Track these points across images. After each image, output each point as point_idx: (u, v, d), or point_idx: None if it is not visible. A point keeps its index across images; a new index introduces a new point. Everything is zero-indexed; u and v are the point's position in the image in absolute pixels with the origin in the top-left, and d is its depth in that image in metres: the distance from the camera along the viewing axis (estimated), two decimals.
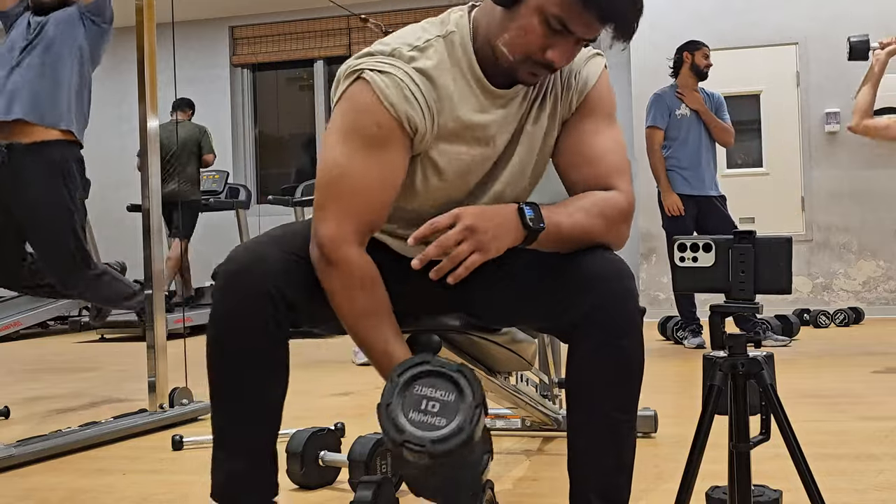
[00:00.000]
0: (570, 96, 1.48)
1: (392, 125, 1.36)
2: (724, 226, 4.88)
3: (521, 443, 2.67)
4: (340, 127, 1.38)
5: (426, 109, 1.38)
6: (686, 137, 5.02)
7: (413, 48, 1.39)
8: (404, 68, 1.37)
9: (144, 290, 3.29)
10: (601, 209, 1.41)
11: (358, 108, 1.37)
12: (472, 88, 1.42)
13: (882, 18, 6.60)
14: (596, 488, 1.38)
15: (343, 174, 1.37)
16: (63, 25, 3.20)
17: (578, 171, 1.48)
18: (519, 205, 1.36)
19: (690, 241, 1.42)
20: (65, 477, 2.44)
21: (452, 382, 1.18)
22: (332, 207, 1.37)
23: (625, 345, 1.36)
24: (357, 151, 1.36)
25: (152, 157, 3.24)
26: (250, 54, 8.82)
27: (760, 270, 1.37)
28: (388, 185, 1.39)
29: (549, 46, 1.33)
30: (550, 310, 1.40)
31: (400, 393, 1.18)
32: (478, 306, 1.55)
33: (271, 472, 1.44)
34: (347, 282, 1.37)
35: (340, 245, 1.36)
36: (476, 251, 1.31)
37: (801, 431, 1.50)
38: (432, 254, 1.30)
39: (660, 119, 5.05)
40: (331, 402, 3.46)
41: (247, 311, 1.35)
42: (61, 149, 3.16)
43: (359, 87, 1.37)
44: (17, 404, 3.71)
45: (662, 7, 6.98)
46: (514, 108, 1.46)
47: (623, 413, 1.38)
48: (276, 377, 1.42)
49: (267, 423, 1.43)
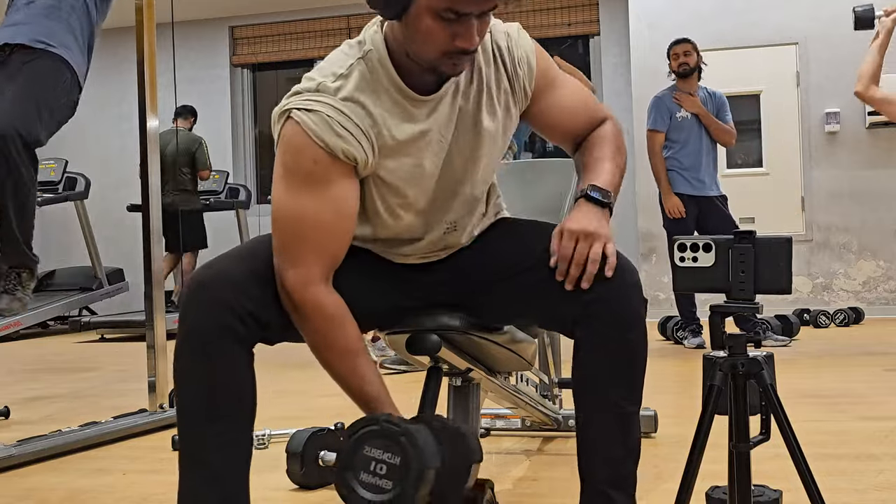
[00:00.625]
0: (523, 85, 1.50)
1: (328, 160, 1.36)
2: (725, 226, 4.88)
3: (521, 443, 2.67)
4: (282, 170, 1.39)
5: (362, 138, 1.38)
6: (687, 139, 5.03)
7: (337, 77, 1.39)
8: (331, 102, 1.36)
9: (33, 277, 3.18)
10: (615, 147, 1.56)
11: (293, 149, 1.37)
12: (399, 102, 1.41)
13: None
14: (607, 478, 1.41)
15: (295, 217, 1.37)
16: None
17: (565, 128, 1.59)
18: (585, 193, 1.46)
19: (690, 241, 1.43)
20: (65, 477, 2.44)
21: (399, 444, 1.19)
22: (291, 251, 1.37)
23: (631, 337, 1.41)
24: (302, 191, 1.37)
25: (152, 157, 3.24)
26: (250, 54, 8.82)
27: (760, 270, 1.37)
28: (343, 217, 1.40)
29: (454, 36, 1.31)
30: (556, 305, 1.43)
31: (352, 453, 1.21)
32: (479, 305, 1.56)
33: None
34: (320, 323, 1.38)
35: (307, 287, 1.36)
36: (593, 243, 1.39)
37: (801, 431, 1.50)
38: (571, 272, 1.39)
39: (660, 122, 5.06)
40: (331, 402, 3.46)
41: (211, 328, 1.33)
42: (59, 60, 3.12)
43: (290, 127, 1.37)
44: (17, 404, 3.71)
45: (662, 7, 6.98)
46: (445, 107, 1.44)
47: (631, 404, 1.43)
48: (240, 398, 1.38)
49: (238, 455, 1.38)
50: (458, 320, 1.57)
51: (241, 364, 1.36)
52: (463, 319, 1.57)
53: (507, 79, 1.48)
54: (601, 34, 7.87)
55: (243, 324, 1.34)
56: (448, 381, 1.76)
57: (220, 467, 1.35)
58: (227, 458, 1.36)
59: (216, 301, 1.33)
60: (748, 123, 6.82)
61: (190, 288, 1.36)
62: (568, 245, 1.40)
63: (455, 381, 1.77)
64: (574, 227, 1.41)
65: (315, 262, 1.37)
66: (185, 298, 1.36)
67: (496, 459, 2.46)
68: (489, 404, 2.72)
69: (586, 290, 1.39)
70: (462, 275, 1.56)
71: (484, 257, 1.56)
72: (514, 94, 1.50)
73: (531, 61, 1.50)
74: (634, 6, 7.07)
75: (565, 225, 1.43)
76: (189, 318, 1.34)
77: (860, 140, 6.68)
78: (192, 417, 1.36)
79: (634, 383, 1.43)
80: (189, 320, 1.34)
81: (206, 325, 1.33)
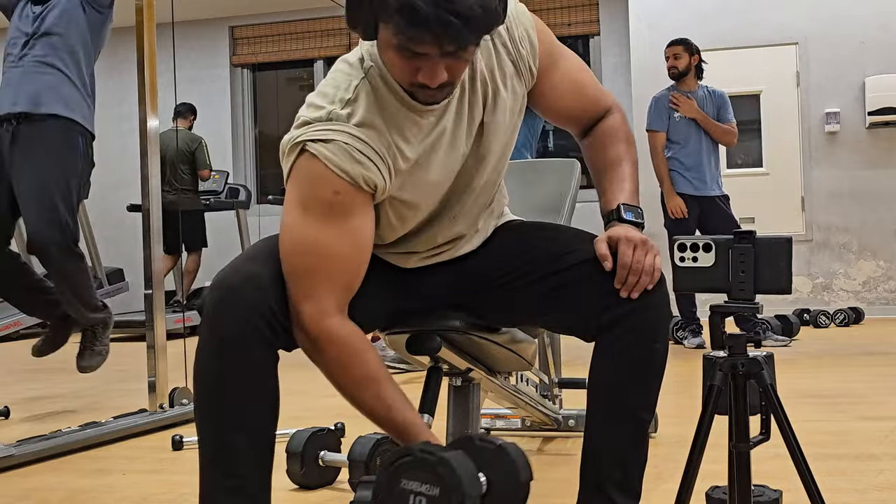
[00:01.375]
0: (528, 64, 1.46)
1: (350, 189, 1.33)
2: (727, 225, 4.88)
3: (521, 443, 2.67)
4: (299, 200, 1.34)
5: (380, 163, 1.35)
6: (687, 139, 5.03)
7: (346, 103, 1.35)
8: (347, 130, 1.33)
9: (106, 310, 3.34)
10: (627, 142, 1.56)
11: (312, 180, 1.32)
12: (408, 116, 1.37)
13: (882, 18, 6.60)
14: (618, 483, 1.42)
15: (311, 248, 1.33)
16: (63, 14, 3.17)
17: (571, 111, 1.57)
18: (619, 216, 1.46)
19: (690, 241, 1.43)
20: (65, 477, 2.44)
21: (436, 475, 1.14)
22: (306, 283, 1.32)
23: (658, 347, 1.42)
24: (321, 222, 1.33)
25: (152, 157, 3.24)
26: (250, 54, 8.81)
27: (760, 270, 1.37)
28: (361, 249, 1.37)
29: (417, 70, 1.26)
30: (583, 311, 1.43)
31: (389, 488, 1.16)
32: (486, 307, 1.56)
33: None
34: (337, 355, 1.34)
35: (323, 320, 1.32)
36: (648, 252, 1.40)
37: (801, 431, 1.50)
38: (630, 279, 1.39)
39: (658, 122, 5.07)
40: (331, 402, 3.46)
41: (244, 333, 1.29)
42: (69, 124, 3.14)
43: (306, 160, 1.32)
44: (17, 404, 3.71)
45: (662, 7, 6.98)
46: (452, 110, 1.41)
47: (648, 413, 1.44)
48: (270, 405, 1.36)
49: (264, 460, 1.36)
50: (459, 320, 1.57)
51: (270, 368, 1.34)
52: (463, 319, 1.57)
53: (511, 61, 1.45)
54: (601, 34, 7.86)
55: (271, 328, 1.31)
56: (448, 381, 1.76)
57: (247, 475, 1.33)
58: (255, 464, 1.34)
59: (248, 306, 1.30)
60: (748, 123, 6.81)
61: (220, 292, 1.31)
62: (628, 253, 1.39)
63: (455, 381, 1.77)
64: (632, 236, 1.41)
65: (330, 294, 1.33)
66: (216, 302, 1.31)
67: None
68: (489, 404, 2.72)
69: (625, 299, 1.39)
70: (469, 278, 1.55)
71: (492, 260, 1.54)
72: (519, 76, 1.47)
73: (532, 38, 1.46)
74: (634, 6, 7.07)
75: (620, 234, 1.42)
76: (220, 323, 1.30)
77: (860, 140, 6.68)
78: (221, 424, 1.32)
79: (652, 392, 1.44)
80: (221, 325, 1.30)
81: (239, 330, 1.29)
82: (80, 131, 3.17)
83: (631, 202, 1.49)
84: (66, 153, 3.11)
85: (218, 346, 1.31)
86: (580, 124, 1.60)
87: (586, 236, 1.50)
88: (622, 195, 1.49)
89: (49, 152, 3.07)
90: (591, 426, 1.45)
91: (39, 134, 3.08)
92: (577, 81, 1.55)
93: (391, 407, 1.33)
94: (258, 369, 1.32)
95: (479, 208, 1.54)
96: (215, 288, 1.32)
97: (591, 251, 1.43)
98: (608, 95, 1.60)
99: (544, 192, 2.38)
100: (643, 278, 1.38)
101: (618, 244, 1.41)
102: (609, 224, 1.47)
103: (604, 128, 1.58)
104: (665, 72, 5.21)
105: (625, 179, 1.51)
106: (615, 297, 1.40)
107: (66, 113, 3.13)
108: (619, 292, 1.39)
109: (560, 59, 1.52)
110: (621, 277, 1.39)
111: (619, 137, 1.56)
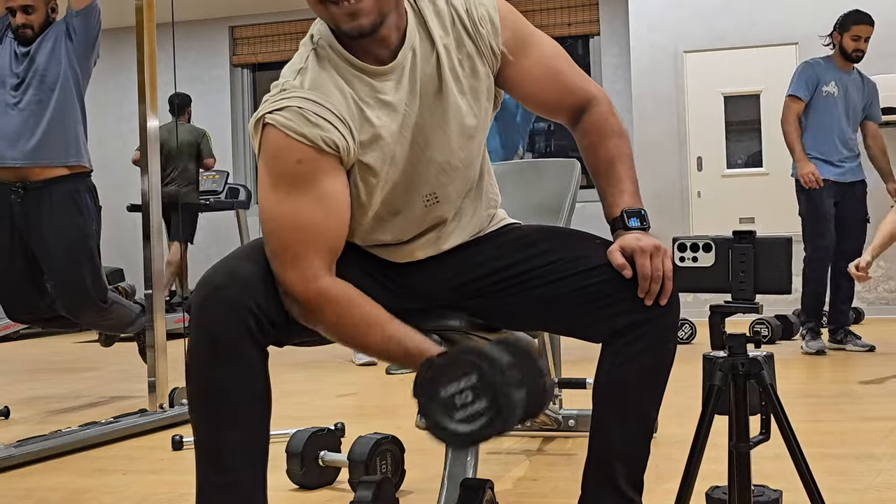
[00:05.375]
0: (488, 44, 1.46)
1: (313, 155, 1.35)
2: (860, 213, 4.67)
3: (521, 443, 2.67)
4: (267, 176, 1.37)
5: (338, 123, 1.36)
6: (823, 119, 4.68)
7: (297, 73, 1.39)
8: (299, 95, 1.36)
9: (144, 312, 3.36)
10: (620, 137, 1.53)
11: (274, 153, 1.36)
12: (363, 79, 1.40)
13: (882, 18, 6.59)
14: (628, 479, 1.45)
15: (287, 220, 1.35)
16: (51, 51, 3.14)
17: (547, 98, 1.55)
18: (625, 224, 1.45)
19: (690, 240, 1.43)
20: (65, 477, 2.44)
21: (469, 364, 1.14)
22: (288, 254, 1.35)
23: (671, 347, 1.45)
24: (291, 193, 1.35)
25: (152, 157, 3.24)
26: (250, 54, 8.81)
27: (760, 270, 1.37)
28: (335, 212, 1.38)
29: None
30: (596, 315, 1.44)
31: (429, 402, 1.15)
32: (490, 310, 1.56)
33: None
34: (334, 312, 1.36)
35: (312, 283, 1.34)
36: (664, 258, 1.40)
37: (801, 431, 1.50)
38: (652, 288, 1.39)
39: (802, 89, 4.66)
40: (331, 402, 3.46)
41: (230, 331, 1.31)
42: (73, 182, 3.16)
43: (267, 133, 1.36)
44: (17, 404, 3.71)
45: (662, 7, 6.97)
46: (406, 78, 1.42)
47: (656, 410, 1.48)
48: (261, 401, 1.38)
49: (258, 458, 1.38)
50: (458, 320, 1.57)
51: (258, 365, 1.35)
52: (463, 319, 1.57)
53: (471, 40, 1.45)
54: (601, 34, 7.86)
55: (258, 324, 1.32)
56: None
57: (241, 472, 1.34)
58: (248, 462, 1.35)
59: (233, 304, 1.31)
60: (748, 123, 6.81)
61: (206, 290, 1.33)
62: (647, 264, 1.39)
63: None
64: (645, 245, 1.41)
65: (314, 259, 1.35)
66: (201, 301, 1.32)
67: (496, 459, 2.46)
68: None
69: (642, 304, 1.40)
70: (473, 281, 1.55)
71: (497, 263, 1.54)
72: (481, 56, 1.47)
73: (493, 18, 1.46)
74: (634, 6, 7.06)
75: (633, 245, 1.41)
76: (206, 322, 1.32)
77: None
78: (213, 422, 1.34)
79: (660, 392, 1.46)
80: (206, 324, 1.32)
81: (226, 329, 1.31)
82: (87, 186, 3.21)
83: (633, 205, 1.47)
84: (79, 218, 3.15)
85: (206, 345, 1.33)
86: (563, 113, 1.57)
87: (595, 240, 1.50)
88: (623, 199, 1.48)
89: (64, 225, 3.12)
90: (601, 425, 1.46)
91: (49, 204, 3.11)
92: (551, 67, 1.53)
93: (400, 340, 1.36)
94: (246, 367, 1.33)
95: (457, 191, 1.52)
96: (201, 287, 1.34)
97: (603, 256, 1.44)
98: (590, 83, 1.56)
99: (544, 192, 2.38)
100: (666, 283, 1.40)
101: (633, 255, 1.40)
102: (616, 233, 1.47)
103: (591, 122, 1.54)
104: (665, 71, 5.20)
105: (622, 180, 1.49)
106: (632, 302, 1.40)
107: (72, 161, 3.16)
108: (644, 300, 1.40)
109: (533, 46, 1.51)
110: (644, 288, 1.40)
111: (607, 132, 1.53)
